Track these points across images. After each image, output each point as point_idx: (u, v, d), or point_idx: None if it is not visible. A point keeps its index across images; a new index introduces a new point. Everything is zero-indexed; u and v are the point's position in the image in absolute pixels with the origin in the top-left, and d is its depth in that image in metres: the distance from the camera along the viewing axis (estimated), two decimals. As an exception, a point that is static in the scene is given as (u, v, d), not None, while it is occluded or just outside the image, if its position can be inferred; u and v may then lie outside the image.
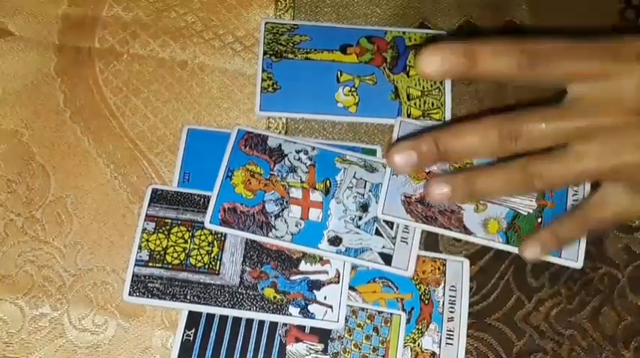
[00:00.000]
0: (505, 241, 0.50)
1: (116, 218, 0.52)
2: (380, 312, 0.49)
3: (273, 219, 0.50)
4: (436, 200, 0.43)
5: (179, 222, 0.51)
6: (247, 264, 0.50)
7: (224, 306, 0.48)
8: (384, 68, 0.57)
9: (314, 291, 0.49)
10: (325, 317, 0.48)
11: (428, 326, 0.49)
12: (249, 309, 0.48)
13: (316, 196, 0.51)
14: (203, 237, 0.50)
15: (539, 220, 0.51)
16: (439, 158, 0.41)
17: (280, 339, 0.48)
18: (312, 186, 0.52)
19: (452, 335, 0.49)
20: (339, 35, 0.58)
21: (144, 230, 0.50)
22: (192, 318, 0.48)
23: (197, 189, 0.52)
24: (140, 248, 0.50)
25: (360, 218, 0.51)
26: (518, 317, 0.50)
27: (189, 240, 0.50)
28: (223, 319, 0.48)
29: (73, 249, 0.51)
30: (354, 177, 0.52)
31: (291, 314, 0.48)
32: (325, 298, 0.49)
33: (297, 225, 0.50)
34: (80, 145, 0.54)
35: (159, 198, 0.51)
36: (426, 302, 0.50)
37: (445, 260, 0.51)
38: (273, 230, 0.50)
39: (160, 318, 0.49)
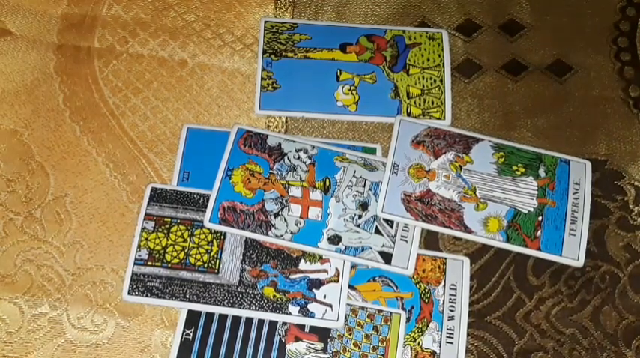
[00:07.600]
0: (505, 240, 0.50)
1: (115, 217, 0.52)
2: (380, 311, 0.48)
3: (272, 217, 0.50)
4: None
5: (178, 220, 0.51)
6: (247, 262, 0.49)
7: (223, 305, 0.48)
8: (384, 67, 0.57)
9: (313, 290, 0.49)
10: (325, 315, 0.48)
11: (428, 325, 0.49)
12: (249, 308, 0.48)
13: (316, 195, 0.51)
14: (202, 236, 0.50)
15: (540, 218, 0.51)
16: None
17: (280, 338, 0.48)
18: (311, 184, 0.52)
19: (452, 333, 0.48)
20: (339, 34, 0.58)
21: (143, 229, 0.50)
22: (192, 317, 0.48)
23: (196, 188, 0.52)
24: (139, 247, 0.50)
25: (360, 216, 0.51)
26: (518, 316, 0.50)
27: (188, 239, 0.50)
28: (223, 318, 0.48)
29: (72, 248, 0.51)
30: (353, 175, 0.52)
31: (290, 313, 0.48)
32: (325, 297, 0.48)
33: (296, 224, 0.50)
34: (79, 144, 0.54)
35: (158, 197, 0.51)
36: (426, 300, 0.49)
37: (445, 258, 0.51)
38: (273, 229, 0.50)
39: (160, 317, 0.49)
